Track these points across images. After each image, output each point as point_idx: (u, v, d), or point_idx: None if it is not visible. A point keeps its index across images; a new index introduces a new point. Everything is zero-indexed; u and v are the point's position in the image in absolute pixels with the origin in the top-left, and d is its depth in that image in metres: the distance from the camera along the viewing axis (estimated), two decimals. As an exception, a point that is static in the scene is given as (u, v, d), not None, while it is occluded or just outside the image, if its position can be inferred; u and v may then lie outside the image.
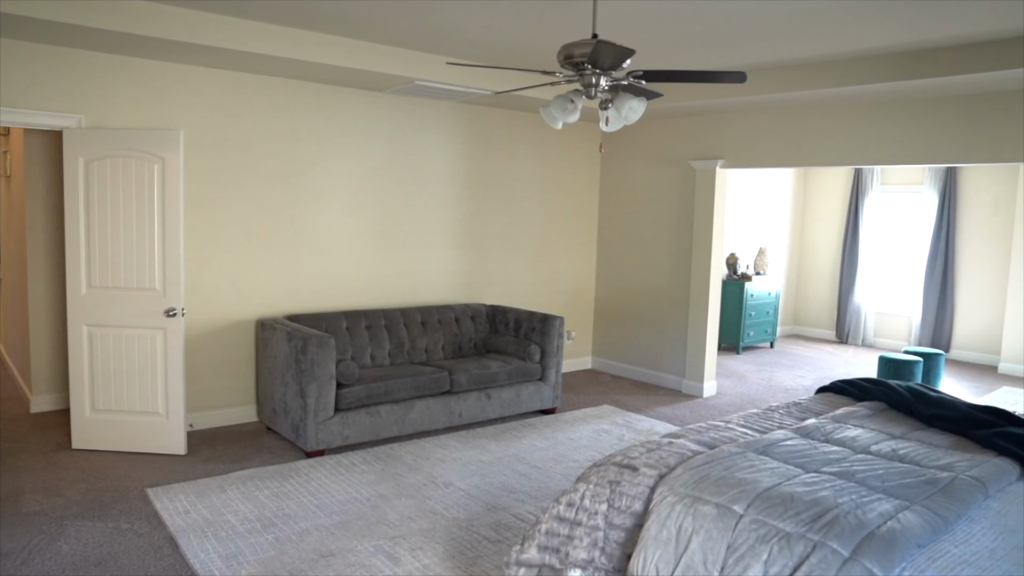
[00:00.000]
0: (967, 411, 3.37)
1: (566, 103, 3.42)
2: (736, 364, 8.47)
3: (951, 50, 4.68)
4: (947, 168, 9.16)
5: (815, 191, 10.77)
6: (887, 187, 10.01)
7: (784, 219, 10.57)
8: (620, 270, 7.57)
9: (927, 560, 2.08)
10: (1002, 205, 8.95)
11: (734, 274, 9.21)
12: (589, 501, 2.62)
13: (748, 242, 9.90)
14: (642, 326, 7.37)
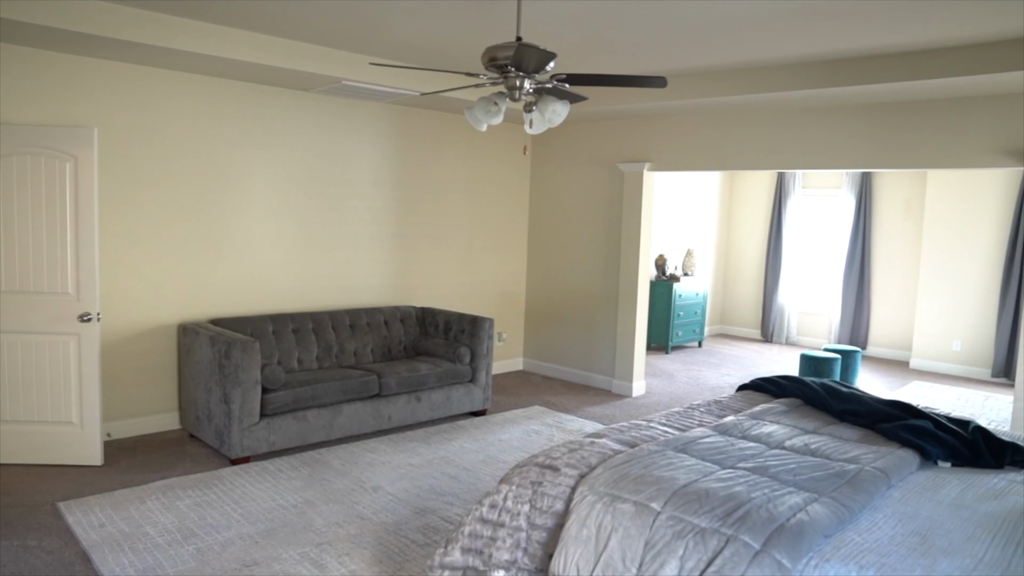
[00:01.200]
0: (875, 406, 3.51)
1: (490, 105, 3.43)
2: (665, 363, 8.63)
3: (865, 60, 4.88)
4: (863, 172, 9.53)
5: (741, 194, 11.07)
6: (808, 190, 10.35)
7: (711, 221, 10.83)
8: (551, 271, 7.63)
9: (832, 549, 2.16)
10: (912, 208, 9.36)
11: (663, 275, 9.38)
12: (512, 502, 2.63)
13: (676, 243, 10.10)
14: (573, 327, 7.44)
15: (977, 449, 3.14)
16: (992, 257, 8.51)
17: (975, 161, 5.15)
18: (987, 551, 2.25)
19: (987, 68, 4.44)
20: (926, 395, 7.56)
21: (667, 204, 9.84)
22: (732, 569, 2.08)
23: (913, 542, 2.27)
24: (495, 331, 7.44)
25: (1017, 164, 4.98)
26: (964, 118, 5.16)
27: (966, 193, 8.68)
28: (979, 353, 8.65)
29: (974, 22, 4.05)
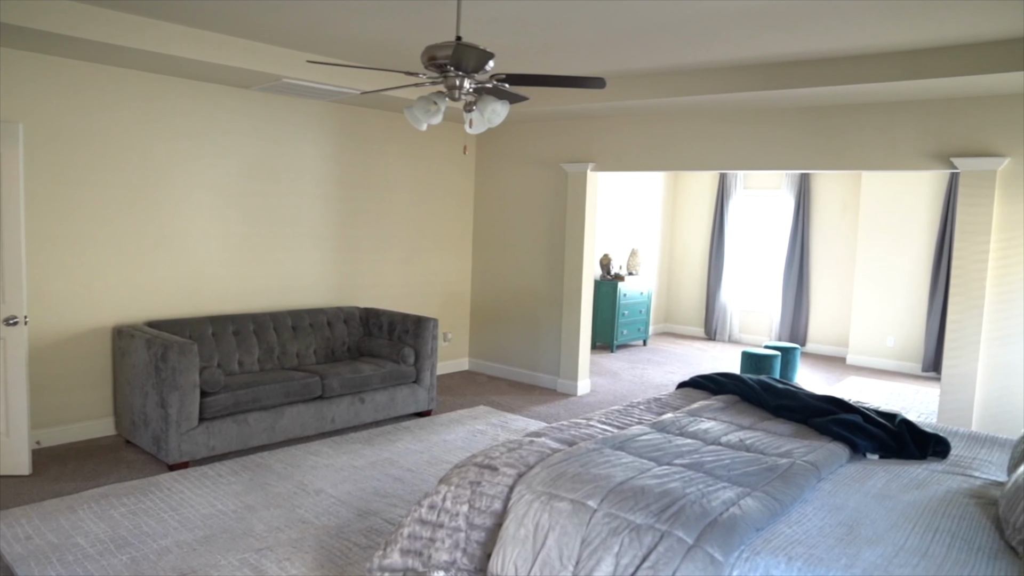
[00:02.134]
0: (808, 401, 3.62)
1: (429, 105, 3.42)
2: (610, 362, 8.72)
3: (802, 64, 5.01)
4: (801, 173, 9.78)
5: (684, 194, 11.25)
6: (749, 190, 10.58)
7: (655, 221, 10.98)
8: (495, 271, 7.64)
9: (763, 542, 2.22)
10: (848, 209, 9.64)
11: (608, 274, 9.48)
12: (450, 503, 2.63)
13: (621, 243, 10.21)
14: (518, 326, 7.47)
15: (903, 441, 3.26)
16: (922, 256, 8.82)
17: (904, 163, 5.33)
18: (908, 538, 2.34)
19: (914, 74, 4.61)
20: (861, 390, 7.79)
21: (612, 204, 9.94)
22: (666, 564, 2.12)
23: (840, 532, 2.34)
24: (440, 331, 7.44)
25: (943, 167, 5.17)
26: (894, 122, 5.33)
27: (898, 194, 8.97)
28: (911, 349, 8.95)
29: (903, 30, 4.20)
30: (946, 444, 3.31)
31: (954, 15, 3.91)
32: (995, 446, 3.50)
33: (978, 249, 5.05)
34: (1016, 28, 4.07)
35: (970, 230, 5.08)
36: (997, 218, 5.00)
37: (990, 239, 5.01)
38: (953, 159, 5.07)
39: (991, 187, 4.97)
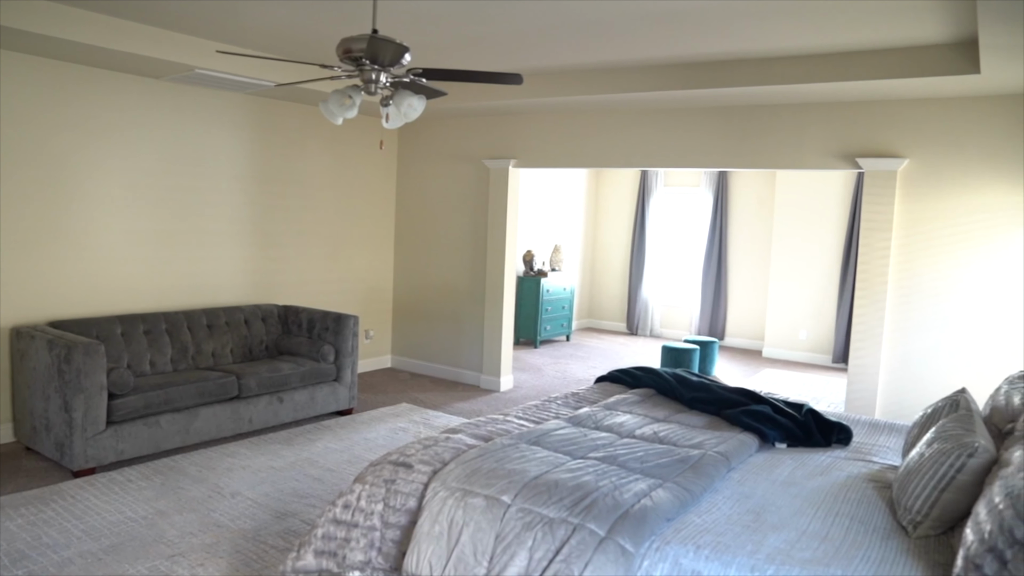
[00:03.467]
0: (721, 393, 3.72)
1: (344, 99, 3.37)
2: (533, 358, 8.78)
3: (717, 65, 5.14)
4: (719, 172, 10.04)
5: (606, 190, 11.41)
6: (670, 188, 10.80)
7: (578, 217, 11.10)
8: (418, 268, 7.59)
9: (673, 531, 2.27)
10: (763, 207, 9.95)
11: (531, 270, 9.53)
12: (365, 502, 2.60)
13: (544, 239, 10.29)
14: (440, 323, 7.45)
15: (809, 430, 3.38)
16: (833, 253, 9.18)
17: (813, 163, 5.53)
18: (811, 523, 2.43)
19: (822, 78, 4.78)
20: (776, 381, 8.06)
21: (534, 200, 10.00)
22: (578, 557, 2.15)
23: (747, 520, 2.42)
24: (361, 328, 7.35)
25: (848, 167, 5.39)
26: (804, 123, 5.53)
27: (810, 193, 9.31)
28: (822, 341, 9.31)
29: (811, 35, 4.35)
30: (848, 432, 3.46)
31: (860, 22, 4.08)
32: (893, 432, 3.68)
33: (881, 246, 5.28)
34: (917, 36, 4.27)
35: (873, 227, 5.31)
36: (898, 216, 5.23)
37: (892, 236, 5.24)
38: (858, 159, 5.28)
39: (892, 186, 5.20)
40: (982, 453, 2.40)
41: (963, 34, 4.19)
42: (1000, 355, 4.96)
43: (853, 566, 2.13)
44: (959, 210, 5.05)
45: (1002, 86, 4.63)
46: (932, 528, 2.41)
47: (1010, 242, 4.91)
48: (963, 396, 3.01)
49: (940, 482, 2.41)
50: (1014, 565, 1.81)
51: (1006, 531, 1.86)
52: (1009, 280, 4.92)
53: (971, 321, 5.05)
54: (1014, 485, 1.95)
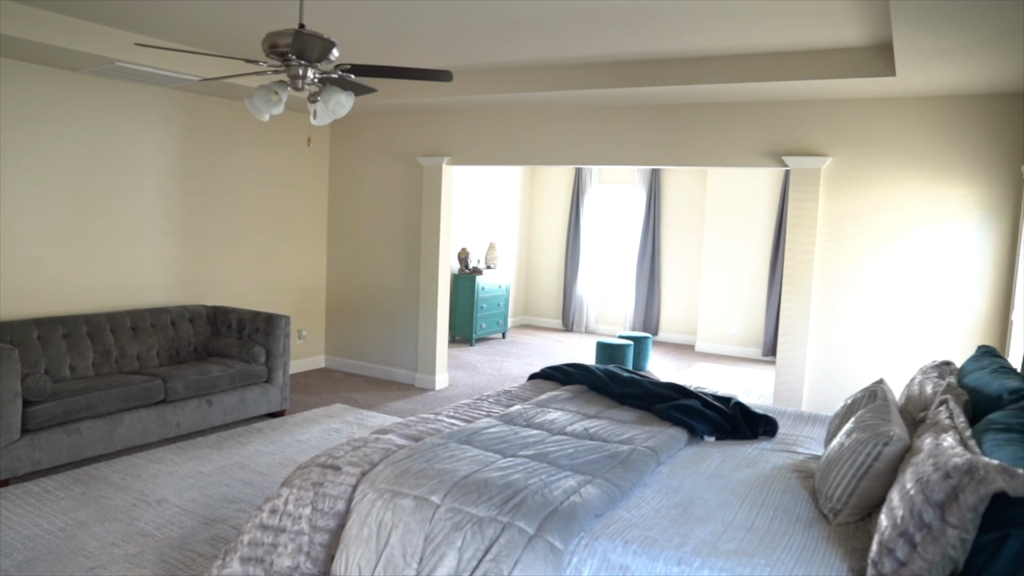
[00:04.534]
0: (651, 388, 3.77)
1: (270, 94, 3.30)
2: (469, 356, 8.77)
3: (647, 64, 5.20)
4: (652, 169, 10.19)
5: (541, 188, 11.46)
6: (604, 185, 10.91)
7: (513, 214, 11.12)
8: (351, 266, 7.50)
9: (602, 527, 2.29)
10: (695, 204, 10.15)
11: (466, 268, 9.51)
12: (293, 506, 2.55)
13: (479, 237, 10.27)
14: (375, 322, 7.37)
15: (736, 423, 3.46)
16: (762, 248, 9.41)
17: (741, 161, 5.66)
18: (737, 514, 2.48)
19: (749, 77, 4.89)
20: (708, 375, 8.22)
21: (469, 198, 9.98)
22: (508, 555, 2.15)
23: (675, 513, 2.45)
24: (294, 328, 7.22)
25: (775, 164, 5.52)
26: (733, 122, 5.65)
27: (740, 190, 9.53)
28: (752, 335, 9.54)
29: (738, 36, 4.44)
30: (774, 424, 3.55)
31: (783, 25, 4.18)
32: (816, 423, 3.79)
33: (806, 242, 5.43)
34: (838, 39, 4.40)
35: (799, 224, 5.46)
36: (822, 213, 5.39)
37: (816, 232, 5.40)
38: (784, 158, 5.42)
39: (816, 184, 5.36)
40: (896, 441, 2.49)
41: (880, 38, 4.34)
42: (916, 346, 5.16)
43: (776, 555, 2.18)
44: (878, 207, 5.23)
45: (916, 88, 4.81)
46: (851, 515, 2.49)
47: (925, 238, 5.11)
48: (880, 387, 3.11)
49: (858, 471, 2.49)
50: (923, 548, 1.88)
51: (916, 515, 1.93)
52: (924, 274, 5.12)
53: (890, 314, 5.24)
54: (924, 471, 2.03)
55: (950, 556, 1.86)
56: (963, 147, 4.97)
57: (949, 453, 2.03)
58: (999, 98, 4.87)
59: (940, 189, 5.05)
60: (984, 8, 3.14)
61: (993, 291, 4.95)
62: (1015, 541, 1.80)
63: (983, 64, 4.07)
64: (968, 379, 3.06)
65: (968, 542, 1.86)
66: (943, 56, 3.94)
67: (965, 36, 3.55)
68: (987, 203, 4.94)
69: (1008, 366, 3.13)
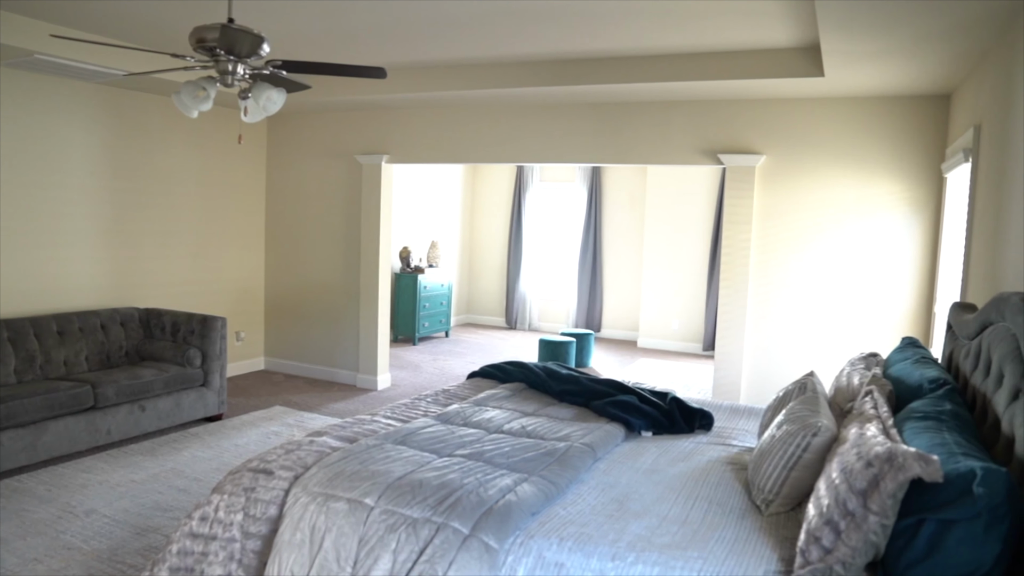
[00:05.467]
0: (589, 385, 3.80)
1: (198, 90, 3.22)
2: (412, 355, 8.71)
3: (588, 62, 5.24)
4: (593, 167, 10.27)
5: (483, 186, 11.45)
6: (545, 183, 10.95)
7: (455, 213, 11.08)
8: (290, 266, 7.37)
9: (538, 525, 2.29)
10: (635, 201, 10.26)
11: (407, 267, 9.45)
12: (224, 512, 2.49)
13: (421, 235, 10.21)
14: (315, 322, 7.26)
15: (673, 418, 3.51)
16: (701, 245, 9.57)
17: (679, 159, 5.74)
18: (671, 508, 2.51)
19: (685, 76, 4.96)
20: (650, 370, 8.32)
21: (410, 196, 9.91)
22: (442, 556, 2.13)
23: (611, 509, 2.47)
24: (232, 330, 7.07)
25: (711, 162, 5.62)
26: (670, 120, 5.72)
27: (680, 188, 9.67)
28: (693, 330, 9.69)
29: (673, 35, 4.50)
30: (710, 417, 3.60)
31: (717, 26, 4.26)
32: (751, 416, 3.86)
33: (742, 238, 5.54)
34: (769, 40, 4.50)
35: (735, 220, 5.56)
36: (757, 210, 5.51)
37: (752, 229, 5.51)
38: (720, 155, 5.52)
39: (751, 181, 5.47)
40: (824, 432, 2.55)
41: (808, 40, 4.44)
42: (847, 338, 5.31)
43: (709, 547, 2.21)
44: (810, 204, 5.36)
45: (844, 89, 4.95)
46: (783, 505, 2.54)
47: (855, 233, 5.26)
48: (810, 379, 3.19)
49: (788, 461, 2.55)
50: (846, 535, 1.94)
51: (840, 503, 1.99)
52: (854, 268, 5.28)
53: (822, 307, 5.38)
54: (848, 461, 2.08)
55: (872, 542, 1.92)
56: (889, 146, 5.13)
57: (872, 442, 2.09)
58: (921, 99, 5.04)
59: (868, 186, 5.20)
60: (904, 13, 3.25)
61: (918, 285, 5.13)
62: (930, 525, 1.86)
63: (906, 66, 4.21)
64: (892, 370, 3.16)
65: (888, 527, 1.91)
66: (868, 58, 4.06)
67: (888, 39, 3.67)
68: (911, 200, 5.11)
69: (929, 356, 3.24)
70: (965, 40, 3.63)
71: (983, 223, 3.59)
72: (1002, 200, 3.18)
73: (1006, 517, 1.75)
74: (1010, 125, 3.11)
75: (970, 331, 2.92)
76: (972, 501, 1.77)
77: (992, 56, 3.65)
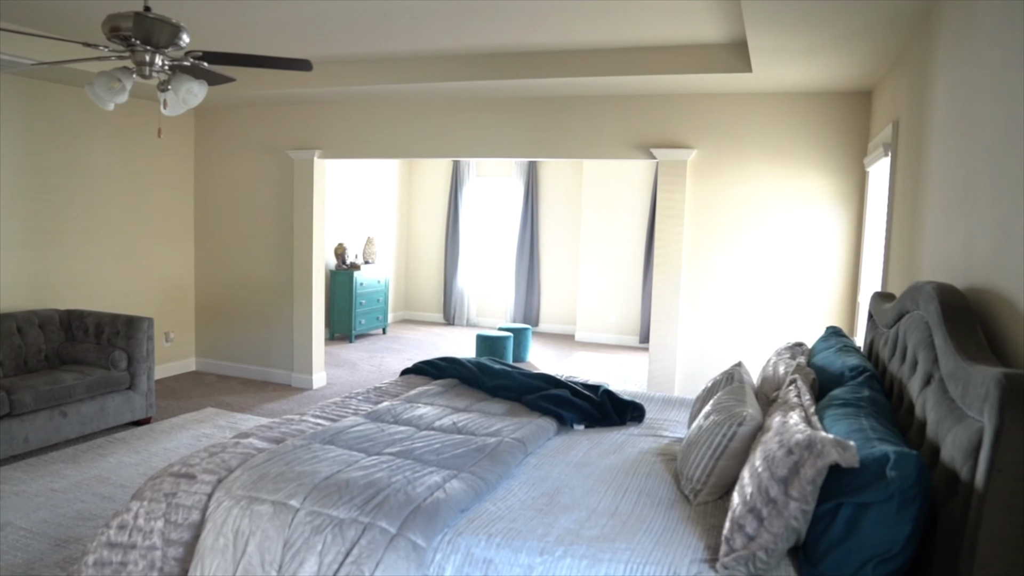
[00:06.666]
0: (521, 379, 3.80)
1: (112, 82, 3.09)
2: (349, 353, 8.60)
3: (519, 56, 5.22)
4: (529, 161, 10.29)
5: (419, 181, 11.36)
6: (482, 178, 10.93)
7: (391, 209, 10.97)
8: (222, 264, 7.19)
9: (467, 522, 2.27)
10: (572, 196, 10.32)
11: (343, 264, 9.32)
12: (144, 520, 2.40)
13: (356, 232, 10.08)
14: (248, 321, 7.10)
15: (605, 410, 3.53)
16: (637, 238, 9.68)
17: (611, 153, 5.79)
18: (601, 501, 2.52)
19: (616, 71, 5.00)
20: (587, 364, 8.39)
21: (345, 192, 9.77)
22: (369, 557, 2.10)
23: (541, 503, 2.47)
24: (160, 331, 6.86)
25: (644, 156, 5.68)
26: (602, 115, 5.76)
27: (615, 182, 9.76)
28: (630, 323, 9.81)
29: (604, 30, 4.53)
30: (641, 409, 3.64)
31: (645, 21, 4.29)
32: (683, 407, 3.92)
33: (675, 231, 5.61)
34: (699, 36, 4.56)
35: (668, 214, 5.63)
36: (689, 203, 5.59)
37: (684, 222, 5.59)
38: (652, 150, 5.58)
39: (683, 175, 5.55)
40: (749, 421, 2.60)
41: (737, 36, 4.52)
42: (778, 328, 5.44)
43: (636, 538, 2.23)
44: (741, 197, 5.47)
45: (772, 85, 5.05)
46: (710, 495, 2.58)
47: (783, 226, 5.38)
48: (738, 369, 3.25)
49: (715, 451, 2.59)
50: (769, 522, 1.97)
51: (763, 491, 2.02)
52: (783, 260, 5.40)
53: (753, 299, 5.50)
54: (770, 449, 2.12)
55: (793, 527, 1.96)
56: (815, 140, 5.26)
57: (793, 430, 2.13)
58: (845, 96, 5.18)
59: (795, 180, 5.33)
60: (825, 12, 3.33)
61: (843, 275, 5.28)
62: (847, 508, 1.91)
63: (829, 63, 4.32)
64: (817, 358, 3.24)
65: (809, 513, 1.96)
66: (793, 55, 4.15)
67: (811, 36, 3.76)
68: (836, 193, 5.25)
69: (852, 345, 3.34)
70: (883, 39, 3.74)
71: (901, 215, 3.71)
72: (918, 193, 3.29)
73: (917, 498, 1.81)
74: (925, 121, 3.22)
75: (888, 320, 3.02)
76: (885, 484, 1.82)
77: (908, 54, 3.77)
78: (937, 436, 2.01)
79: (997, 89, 2.22)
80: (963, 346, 2.00)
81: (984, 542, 1.60)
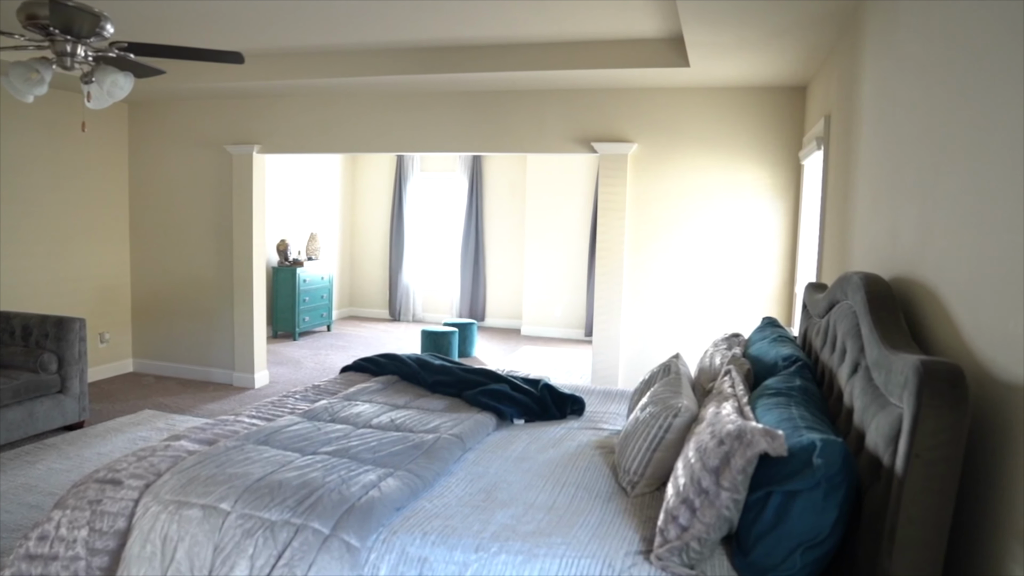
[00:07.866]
0: (461, 375, 3.78)
1: (30, 73, 2.97)
2: (292, 350, 8.47)
3: (459, 50, 5.18)
4: (474, 156, 10.25)
5: (363, 176, 11.23)
6: (426, 173, 10.86)
7: (334, 204, 10.83)
8: (159, 262, 7.01)
9: (402, 520, 2.25)
10: (516, 190, 10.32)
11: (285, 260, 9.16)
12: (66, 529, 2.32)
13: (299, 227, 9.92)
14: (187, 320, 6.93)
15: (545, 404, 3.53)
16: (581, 232, 9.73)
17: (553, 147, 5.80)
18: (539, 495, 2.52)
19: (555, 65, 5.00)
20: (533, 358, 8.41)
21: (287, 188, 9.61)
22: (301, 558, 2.06)
23: (478, 500, 2.46)
24: (94, 331, 6.65)
25: (585, 151, 5.71)
26: (544, 109, 5.77)
27: (559, 176, 9.79)
28: (575, 316, 9.86)
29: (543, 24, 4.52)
30: (581, 403, 3.65)
31: (583, 15, 4.30)
32: (623, 399, 3.94)
33: (616, 225, 5.65)
34: (637, 30, 4.59)
35: (609, 208, 5.67)
36: (630, 196, 5.63)
37: (625, 215, 5.63)
38: (593, 144, 5.61)
39: (624, 169, 5.58)
40: (685, 413, 2.63)
41: (674, 31, 4.56)
42: (717, 319, 5.52)
43: (573, 532, 2.23)
44: (680, 190, 5.53)
45: (710, 79, 5.12)
46: (647, 486, 2.60)
47: (722, 218, 5.46)
48: (675, 361, 3.28)
49: (652, 443, 2.61)
50: (701, 512, 2.00)
51: (695, 482, 2.04)
52: (722, 252, 5.48)
53: (693, 291, 5.57)
54: (703, 440, 2.15)
55: (725, 517, 1.98)
56: (752, 134, 5.35)
57: (724, 421, 2.16)
58: (781, 90, 5.27)
59: (733, 173, 5.41)
60: (756, 8, 3.38)
61: (781, 266, 5.38)
62: (777, 497, 1.94)
63: (764, 58, 4.39)
64: (752, 349, 3.30)
65: (740, 502, 1.98)
66: (729, 50, 4.21)
67: (744, 32, 3.81)
68: (773, 186, 5.35)
69: (786, 335, 3.40)
70: (814, 35, 3.81)
71: (834, 207, 3.79)
72: (849, 186, 3.36)
73: (842, 485, 1.85)
74: (854, 116, 3.30)
75: (820, 309, 3.08)
76: (812, 472, 1.85)
77: (839, 50, 3.85)
78: (863, 423, 2.05)
79: (918, 85, 2.28)
80: (887, 335, 2.05)
81: (903, 525, 1.64)
